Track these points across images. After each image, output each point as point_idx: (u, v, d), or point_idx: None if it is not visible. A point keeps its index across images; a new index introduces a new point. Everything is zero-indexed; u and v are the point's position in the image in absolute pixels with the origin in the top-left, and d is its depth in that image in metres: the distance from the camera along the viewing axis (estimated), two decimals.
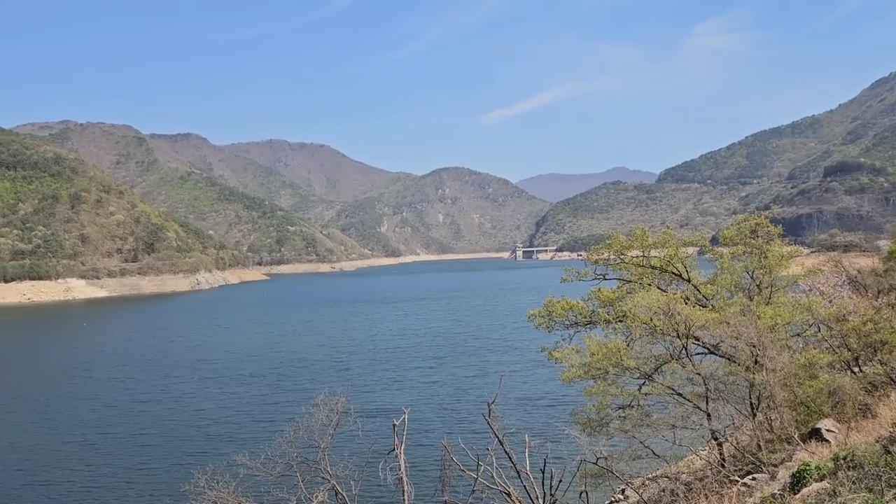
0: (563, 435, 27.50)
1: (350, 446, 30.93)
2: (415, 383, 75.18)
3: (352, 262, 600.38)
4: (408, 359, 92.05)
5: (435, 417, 59.26)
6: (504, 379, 55.54)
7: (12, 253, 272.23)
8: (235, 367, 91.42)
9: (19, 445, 56.56)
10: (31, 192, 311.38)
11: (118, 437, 57.85)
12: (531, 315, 32.10)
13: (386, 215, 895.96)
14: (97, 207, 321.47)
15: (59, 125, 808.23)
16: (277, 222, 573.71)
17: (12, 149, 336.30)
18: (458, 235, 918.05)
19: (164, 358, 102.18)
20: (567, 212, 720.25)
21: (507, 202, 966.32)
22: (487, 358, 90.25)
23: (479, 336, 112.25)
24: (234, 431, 58.05)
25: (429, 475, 39.41)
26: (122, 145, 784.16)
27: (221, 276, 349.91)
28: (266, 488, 22.60)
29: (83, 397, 75.43)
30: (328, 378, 76.06)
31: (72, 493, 44.79)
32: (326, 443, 20.98)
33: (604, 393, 27.10)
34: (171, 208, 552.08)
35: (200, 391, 76.33)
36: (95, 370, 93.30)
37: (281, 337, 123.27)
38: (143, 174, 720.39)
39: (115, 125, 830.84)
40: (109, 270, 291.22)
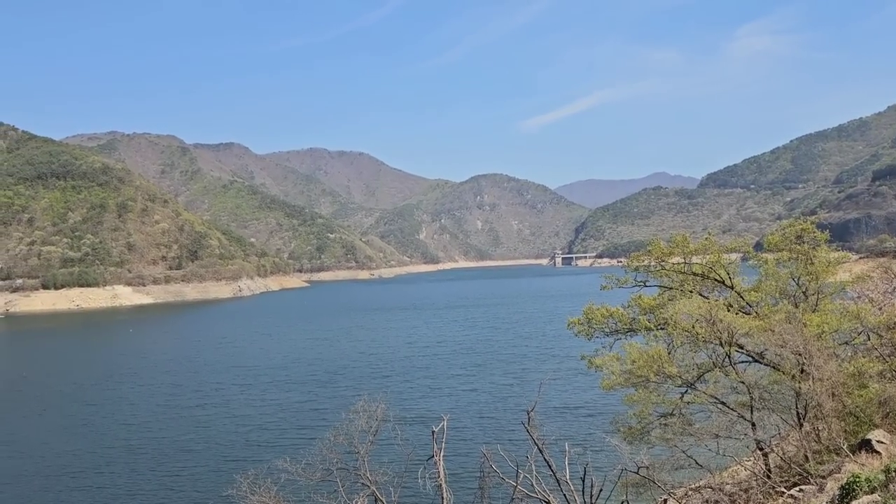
0: (603, 443, 27.19)
1: (389, 453, 30.92)
2: (453, 391, 75.07)
3: (391, 269, 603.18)
4: (446, 366, 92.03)
5: (474, 425, 59.08)
6: (543, 387, 55.07)
7: (62, 261, 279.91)
8: (275, 373, 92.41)
9: (67, 449, 57.86)
10: (80, 202, 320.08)
11: (161, 441, 58.88)
12: (571, 322, 31.85)
13: (424, 222, 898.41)
14: (143, 216, 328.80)
15: (106, 136, 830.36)
16: (317, 230, 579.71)
17: (62, 159, 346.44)
18: (497, 242, 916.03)
19: (206, 364, 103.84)
20: (607, 218, 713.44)
21: (545, 208, 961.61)
22: (526, 366, 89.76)
23: (517, 344, 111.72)
24: (274, 437, 58.64)
25: (468, 483, 39.30)
26: (166, 155, 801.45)
27: (263, 283, 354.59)
28: (307, 493, 22.79)
29: (128, 402, 77.01)
30: (367, 385, 76.36)
31: (117, 497, 45.64)
32: (366, 449, 21.09)
33: (645, 401, 26.74)
34: (213, 216, 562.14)
35: (241, 397, 77.31)
36: (140, 376, 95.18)
37: (320, 344, 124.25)
38: (187, 183, 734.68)
39: (160, 135, 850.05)
40: (154, 277, 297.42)
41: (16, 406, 78.95)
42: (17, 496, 46.59)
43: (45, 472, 51.61)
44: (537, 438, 19.34)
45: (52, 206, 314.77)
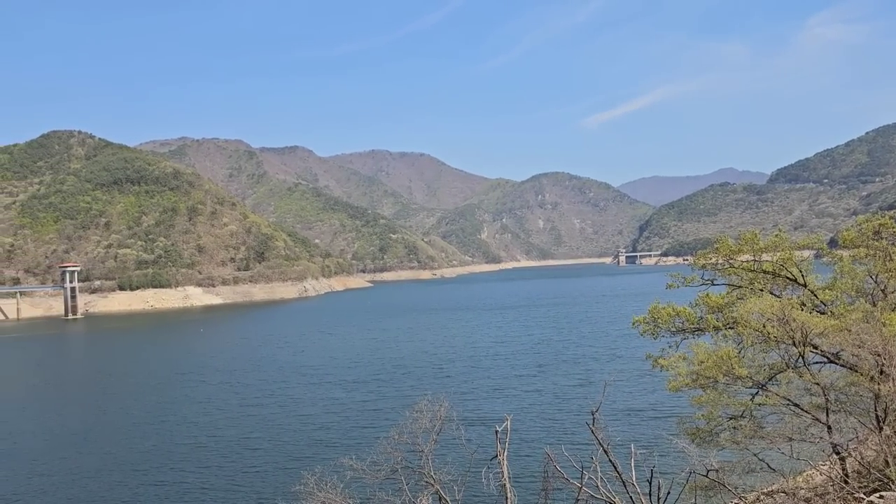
0: (670, 446, 26.62)
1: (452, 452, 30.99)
2: (516, 391, 74.75)
3: (452, 269, 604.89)
4: (508, 366, 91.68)
5: (537, 426, 58.72)
6: (608, 387, 54.36)
7: (137, 263, 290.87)
8: (339, 373, 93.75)
9: (138, 446, 59.93)
10: (153, 206, 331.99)
11: (228, 440, 60.30)
12: (635, 322, 31.29)
13: (486, 222, 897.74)
14: (212, 219, 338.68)
15: (177, 142, 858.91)
16: (380, 230, 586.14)
17: (136, 165, 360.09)
18: (559, 241, 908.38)
19: (271, 363, 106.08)
20: (672, 215, 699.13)
21: (608, 206, 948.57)
22: (590, 366, 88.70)
23: (581, 344, 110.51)
24: (337, 436, 59.42)
25: (531, 483, 39.11)
26: (234, 159, 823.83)
27: (327, 284, 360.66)
28: (371, 491, 23.03)
29: (196, 401, 79.23)
30: (429, 385, 76.73)
31: (186, 493, 46.91)
32: (429, 448, 21.18)
33: (713, 402, 26.07)
34: (279, 218, 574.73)
35: (306, 396, 78.69)
36: (208, 375, 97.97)
37: (383, 343, 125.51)
38: (254, 186, 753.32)
39: (227, 140, 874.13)
40: (223, 278, 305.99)
41: (94, 402, 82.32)
42: (94, 491, 48.52)
43: (120, 467, 53.55)
44: (602, 439, 19.07)
45: (127, 210, 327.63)
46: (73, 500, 46.52)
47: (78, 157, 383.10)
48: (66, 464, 55.05)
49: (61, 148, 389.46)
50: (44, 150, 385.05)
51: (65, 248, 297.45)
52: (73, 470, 53.35)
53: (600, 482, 18.76)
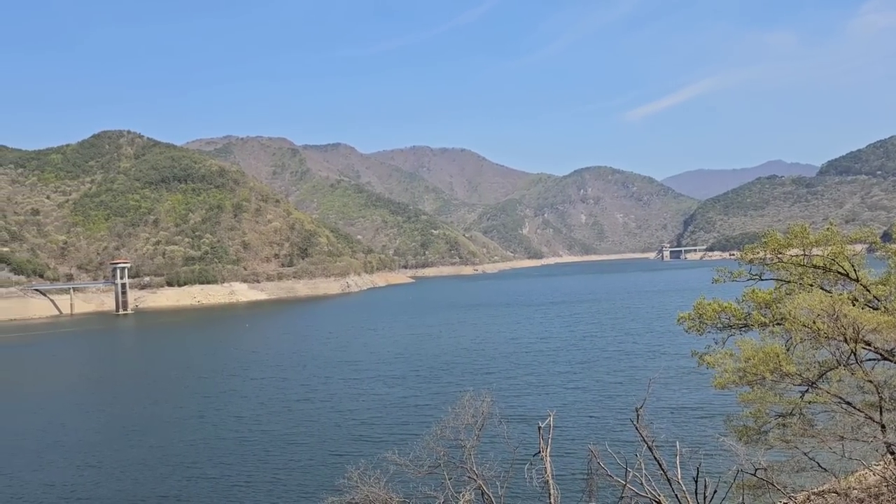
0: (717, 444, 26.21)
1: (495, 448, 30.92)
2: (558, 388, 74.28)
3: (494, 265, 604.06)
4: (550, 363, 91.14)
5: (580, 423, 58.29)
6: (653, 384, 53.56)
7: (184, 259, 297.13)
8: (380, 368, 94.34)
9: (184, 439, 61.11)
10: (200, 203, 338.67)
11: (271, 434, 61.02)
12: (680, 318, 30.80)
13: (527, 217, 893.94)
14: (256, 216, 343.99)
15: (222, 140, 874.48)
16: (421, 226, 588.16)
17: (183, 164, 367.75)
18: (602, 236, 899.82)
19: (314, 358, 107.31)
20: (717, 209, 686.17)
21: (652, 201, 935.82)
22: (634, 363, 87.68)
23: (624, 340, 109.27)
24: (379, 432, 59.69)
25: (575, 480, 38.88)
26: (277, 157, 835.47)
27: (369, 280, 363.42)
28: (414, 485, 23.18)
29: (240, 395, 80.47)
30: (470, 381, 76.51)
31: (232, 487, 47.60)
32: (472, 443, 21.23)
33: (761, 400, 25.53)
34: (322, 215, 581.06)
35: (347, 391, 79.30)
36: (252, 370, 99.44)
37: (424, 339, 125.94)
38: (297, 183, 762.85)
39: (271, 138, 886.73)
40: (268, 274, 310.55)
41: (143, 395, 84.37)
42: (143, 483, 49.62)
43: (167, 460, 54.69)
44: (647, 437, 18.87)
45: (174, 207, 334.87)
46: (123, 493, 47.62)
47: (127, 156, 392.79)
48: (116, 456, 56.52)
49: (111, 148, 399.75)
50: (95, 150, 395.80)
51: (115, 246, 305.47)
52: (123, 462, 54.71)
53: (645, 480, 18.58)
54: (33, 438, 63.86)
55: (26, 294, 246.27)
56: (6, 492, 48.80)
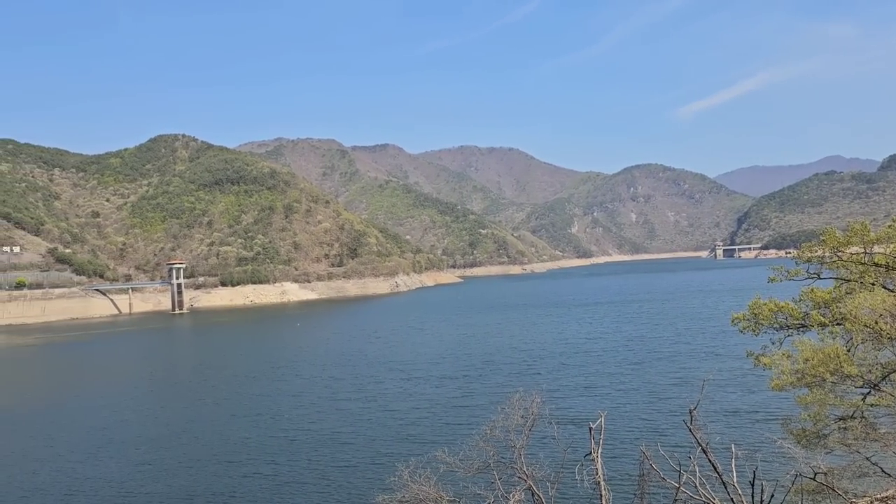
0: (774, 447, 25.54)
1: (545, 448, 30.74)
2: (608, 389, 73.30)
3: (542, 264, 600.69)
4: (600, 364, 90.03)
5: (631, 425, 57.43)
6: (706, 385, 52.59)
7: (237, 259, 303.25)
8: (428, 368, 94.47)
9: (234, 437, 62.07)
10: (252, 205, 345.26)
11: (319, 433, 61.52)
12: (735, 318, 30.15)
13: (576, 216, 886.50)
14: (307, 216, 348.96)
15: (273, 142, 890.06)
16: (469, 226, 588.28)
17: (236, 166, 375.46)
18: (652, 234, 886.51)
19: (362, 358, 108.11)
20: (773, 206, 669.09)
21: (704, 198, 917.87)
22: (687, 364, 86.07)
23: (676, 341, 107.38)
24: (426, 432, 59.71)
25: (626, 482, 38.39)
26: (327, 158, 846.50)
27: (418, 279, 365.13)
28: (464, 484, 23.22)
29: (289, 394, 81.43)
30: (518, 381, 75.84)
31: (281, 485, 48.01)
32: (522, 443, 21.17)
33: (821, 402, 24.83)
34: (371, 215, 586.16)
35: (395, 391, 79.58)
36: (301, 368, 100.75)
37: (472, 339, 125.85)
38: (346, 184, 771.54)
39: (321, 140, 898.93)
40: (318, 274, 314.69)
41: (196, 393, 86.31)
42: (194, 480, 50.62)
43: (217, 458, 55.60)
44: (700, 439, 18.52)
45: (227, 209, 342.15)
46: (176, 490, 48.56)
47: (182, 159, 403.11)
48: (170, 453, 57.76)
49: (167, 151, 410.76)
50: (151, 154, 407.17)
51: (171, 247, 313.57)
52: (175, 459, 55.84)
53: (699, 483, 18.26)
54: (93, 435, 65.86)
55: (87, 294, 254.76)
56: (66, 487, 50.36)
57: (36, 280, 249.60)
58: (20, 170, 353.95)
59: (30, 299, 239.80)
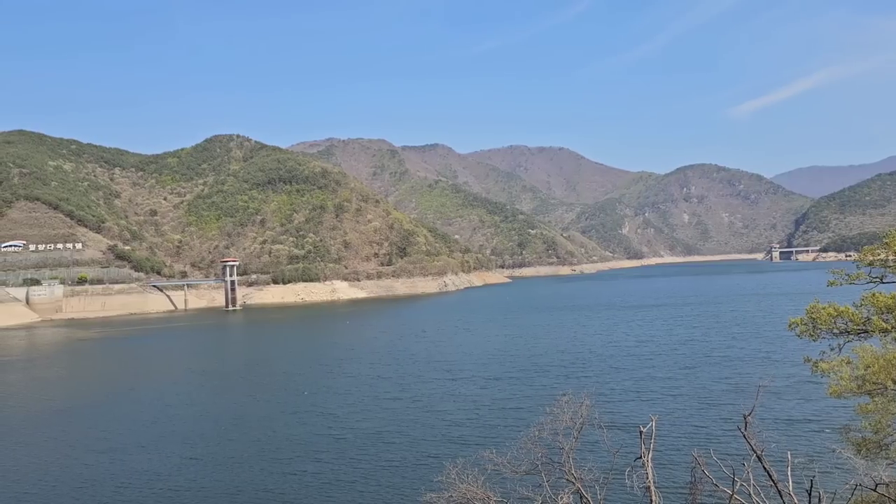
0: (832, 456, 24.83)
1: (593, 451, 30.46)
2: (658, 394, 72.01)
3: (592, 265, 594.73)
4: (650, 368, 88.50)
5: (682, 431, 56.33)
6: (761, 391, 51.32)
7: (289, 258, 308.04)
8: (474, 369, 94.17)
9: (281, 435, 62.75)
10: (303, 204, 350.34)
11: (364, 432, 61.74)
12: (792, 322, 29.30)
13: (627, 216, 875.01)
14: (357, 216, 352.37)
15: (325, 143, 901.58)
16: (518, 226, 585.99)
17: (288, 166, 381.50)
18: (706, 236, 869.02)
19: (409, 357, 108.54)
20: (833, 208, 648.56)
21: (760, 199, 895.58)
22: (740, 369, 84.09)
23: (730, 345, 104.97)
24: (471, 433, 59.40)
25: (677, 489, 37.72)
26: (377, 158, 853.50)
27: (466, 279, 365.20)
28: (511, 486, 23.13)
29: (336, 392, 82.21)
30: (565, 384, 75.16)
31: (326, 485, 48.25)
32: (570, 446, 20.98)
33: (882, 411, 23.96)
34: (420, 215, 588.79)
35: (440, 391, 79.63)
36: (349, 366, 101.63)
37: (519, 340, 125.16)
38: (396, 184, 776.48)
39: (371, 140, 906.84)
40: (368, 273, 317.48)
41: (246, 390, 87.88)
42: (238, 477, 51.31)
43: (263, 455, 56.29)
44: (755, 445, 18.04)
45: (280, 208, 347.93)
46: (223, 485, 49.32)
47: (237, 158, 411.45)
48: (217, 449, 58.76)
49: (222, 151, 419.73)
50: (207, 154, 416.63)
51: (225, 244, 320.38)
52: (224, 455, 56.73)
53: (753, 491, 17.81)
54: (145, 428, 67.60)
55: (145, 290, 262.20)
56: (119, 479, 51.70)
57: (97, 276, 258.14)
58: (83, 169, 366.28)
59: (91, 294, 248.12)
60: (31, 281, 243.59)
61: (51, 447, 61.77)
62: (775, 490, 17.45)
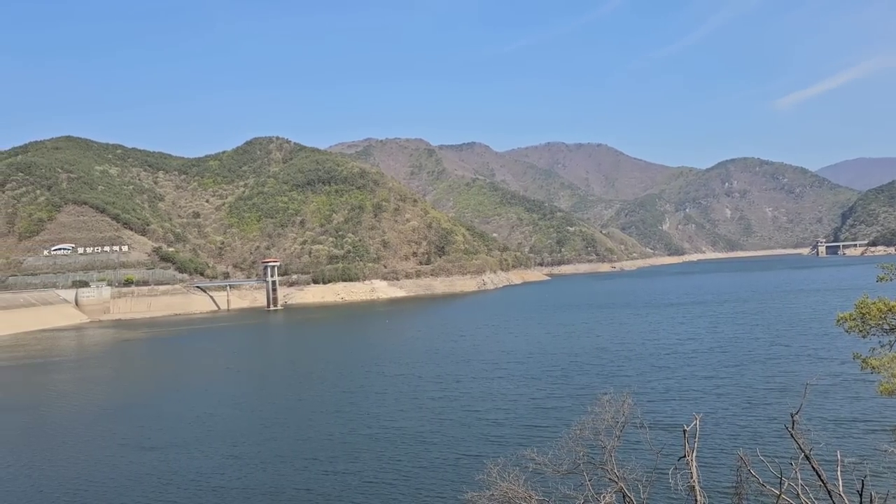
0: (884, 456, 24.13)
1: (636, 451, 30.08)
2: (701, 393, 70.66)
3: (632, 262, 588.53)
4: (693, 367, 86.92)
5: (726, 431, 55.26)
6: (809, 389, 50.31)
7: (328, 258, 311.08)
8: (512, 367, 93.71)
9: (320, 433, 63.07)
10: (342, 204, 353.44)
11: (403, 431, 61.69)
12: (840, 318, 28.62)
13: (667, 212, 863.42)
14: (395, 215, 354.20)
15: (362, 143, 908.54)
16: (557, 223, 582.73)
17: (327, 166, 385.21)
18: (749, 231, 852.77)
19: (447, 356, 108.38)
20: (881, 201, 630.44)
21: (805, 193, 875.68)
22: (786, 368, 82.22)
23: (776, 343, 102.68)
24: (509, 433, 58.89)
25: (722, 489, 37.11)
26: (415, 157, 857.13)
27: (505, 277, 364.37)
28: (553, 485, 23.02)
29: (374, 391, 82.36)
30: (605, 383, 73.81)
31: (365, 484, 48.15)
32: (612, 444, 20.83)
33: None
34: (458, 213, 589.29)
35: (478, 390, 79.25)
36: (387, 366, 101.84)
37: (558, 338, 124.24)
38: (433, 183, 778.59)
39: (408, 139, 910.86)
40: (406, 272, 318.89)
41: (286, 389, 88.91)
42: (279, 476, 51.69)
43: (302, 454, 56.54)
44: (803, 445, 17.64)
45: (319, 208, 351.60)
46: (261, 484, 49.71)
47: (276, 160, 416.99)
48: (258, 448, 59.26)
49: (262, 153, 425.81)
50: (247, 156, 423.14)
51: (266, 245, 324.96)
52: (264, 454, 57.16)
53: (801, 491, 17.43)
54: (188, 427, 68.70)
55: (189, 291, 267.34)
56: (161, 477, 52.54)
57: (142, 277, 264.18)
58: (128, 173, 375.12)
59: (137, 296, 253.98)
60: (79, 283, 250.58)
61: (99, 445, 63.27)
62: (825, 491, 17.05)
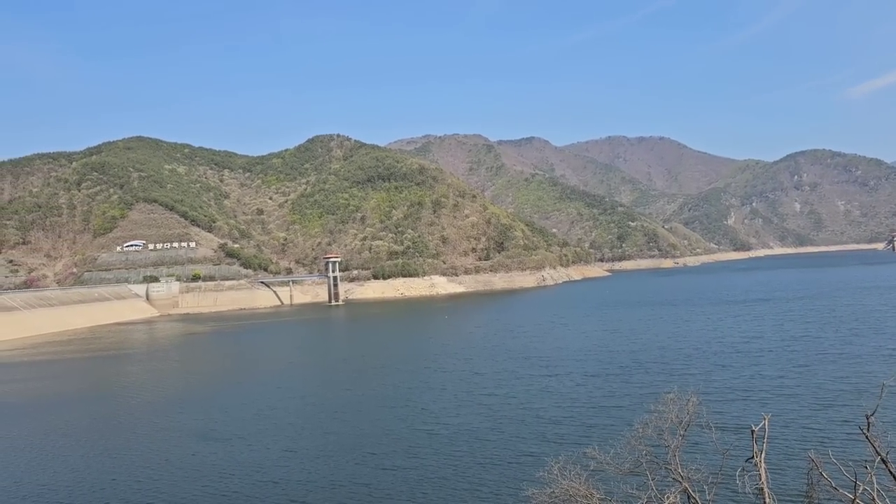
0: None
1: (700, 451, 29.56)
2: (768, 393, 68.50)
3: (696, 258, 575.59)
4: (759, 366, 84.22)
5: (795, 432, 53.54)
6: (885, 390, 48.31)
7: (388, 253, 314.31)
8: (571, 365, 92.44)
9: (377, 429, 63.26)
10: (401, 200, 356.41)
11: (460, 428, 61.49)
12: None
13: (733, 206, 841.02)
14: (454, 211, 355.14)
15: (421, 139, 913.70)
16: (618, 218, 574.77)
17: (386, 163, 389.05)
18: (819, 226, 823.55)
19: (506, 352, 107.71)
20: None
21: (880, 185, 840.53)
22: (860, 368, 79.07)
23: (849, 342, 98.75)
24: (567, 431, 58.15)
25: (791, 492, 36.16)
26: (473, 153, 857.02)
27: (565, 273, 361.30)
28: (615, 483, 22.85)
29: (431, 387, 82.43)
30: (667, 382, 71.65)
31: (422, 481, 48.06)
32: (677, 444, 20.56)
33: None
34: (517, 209, 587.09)
35: (536, 387, 78.57)
36: (445, 361, 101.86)
37: (618, 335, 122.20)
38: (492, 178, 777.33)
39: (467, 135, 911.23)
40: (466, 268, 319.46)
41: (345, 383, 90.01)
42: (335, 470, 51.98)
43: (359, 449, 56.86)
44: (879, 447, 17.03)
45: (378, 205, 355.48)
46: (318, 478, 50.15)
47: (337, 158, 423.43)
48: (314, 442, 59.92)
49: (323, 151, 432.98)
50: (309, 154, 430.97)
51: (327, 241, 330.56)
52: (320, 448, 57.71)
53: (877, 495, 16.87)
54: (248, 420, 70.06)
55: (253, 286, 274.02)
56: (220, 469, 53.76)
57: (209, 273, 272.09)
58: (195, 171, 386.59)
59: (203, 291, 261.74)
60: (150, 278, 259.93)
61: (163, 436, 65.33)
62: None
